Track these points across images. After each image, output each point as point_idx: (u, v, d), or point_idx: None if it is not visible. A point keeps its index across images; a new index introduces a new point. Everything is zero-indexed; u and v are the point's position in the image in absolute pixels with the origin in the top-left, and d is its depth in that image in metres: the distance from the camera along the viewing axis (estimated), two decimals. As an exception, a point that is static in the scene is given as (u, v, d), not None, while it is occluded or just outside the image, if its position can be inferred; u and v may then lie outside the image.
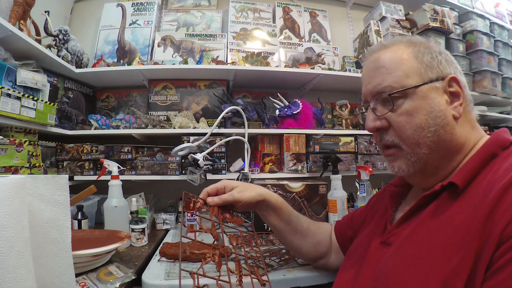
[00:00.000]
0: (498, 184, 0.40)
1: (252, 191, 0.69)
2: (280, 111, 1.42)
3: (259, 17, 1.78)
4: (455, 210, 0.44)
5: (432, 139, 0.49)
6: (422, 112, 0.50)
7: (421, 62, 0.52)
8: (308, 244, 0.75)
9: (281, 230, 0.74)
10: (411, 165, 0.52)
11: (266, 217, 0.73)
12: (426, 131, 0.49)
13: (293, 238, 0.74)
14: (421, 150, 0.50)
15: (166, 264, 0.84)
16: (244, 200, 0.67)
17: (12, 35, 0.97)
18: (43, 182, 0.58)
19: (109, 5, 1.68)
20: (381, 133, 0.55)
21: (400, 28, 1.72)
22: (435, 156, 0.50)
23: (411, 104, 0.50)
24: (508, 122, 2.01)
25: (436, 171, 0.52)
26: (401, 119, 0.51)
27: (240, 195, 0.67)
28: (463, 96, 0.51)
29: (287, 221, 0.73)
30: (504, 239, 0.36)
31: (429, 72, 0.51)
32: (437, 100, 0.50)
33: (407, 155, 0.52)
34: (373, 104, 0.55)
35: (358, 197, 1.18)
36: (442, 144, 0.50)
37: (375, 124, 0.54)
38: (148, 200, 1.33)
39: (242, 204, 0.68)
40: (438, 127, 0.49)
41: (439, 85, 0.51)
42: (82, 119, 1.46)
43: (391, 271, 0.47)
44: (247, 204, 0.68)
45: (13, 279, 0.45)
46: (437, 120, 0.49)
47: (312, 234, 0.75)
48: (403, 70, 0.52)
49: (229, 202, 0.67)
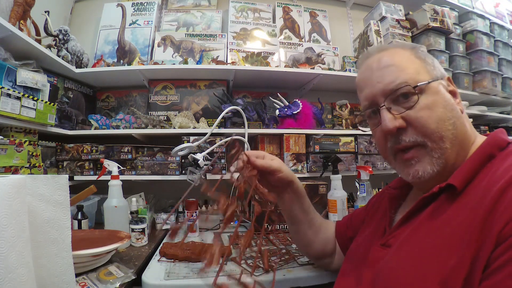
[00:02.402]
0: (496, 185, 0.40)
1: (288, 168, 0.67)
2: (280, 111, 1.42)
3: (259, 17, 1.78)
4: (453, 211, 0.44)
5: (452, 132, 0.49)
6: (440, 105, 0.50)
7: (424, 61, 0.54)
8: (320, 240, 0.74)
9: (299, 220, 0.72)
10: (435, 163, 0.49)
11: (290, 203, 0.70)
12: (447, 123, 0.49)
13: (307, 232, 0.73)
14: (444, 144, 0.49)
15: (166, 264, 0.84)
16: (284, 172, 0.64)
17: (12, 35, 0.97)
18: (43, 182, 0.58)
19: (109, 5, 1.68)
20: (399, 134, 0.51)
21: (400, 28, 1.72)
22: (455, 151, 0.50)
23: (429, 99, 0.50)
24: (508, 122, 2.01)
25: (453, 170, 0.49)
26: (422, 113, 0.50)
27: (282, 166, 0.65)
28: (458, 95, 0.55)
29: (307, 211, 0.72)
30: (502, 239, 0.36)
31: (433, 71, 0.53)
32: (447, 95, 0.52)
33: (431, 152, 0.49)
34: (388, 104, 0.52)
35: (358, 197, 1.18)
36: (459, 137, 0.50)
37: (395, 124, 0.50)
38: (148, 200, 1.33)
39: (281, 176, 0.64)
40: (455, 119, 0.50)
41: (444, 82, 0.54)
42: (82, 119, 1.46)
43: (389, 272, 0.47)
44: (285, 177, 0.65)
45: (13, 279, 0.45)
46: (453, 112, 0.50)
47: (324, 231, 0.75)
48: (413, 68, 0.52)
49: (272, 169, 0.63)
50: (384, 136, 0.53)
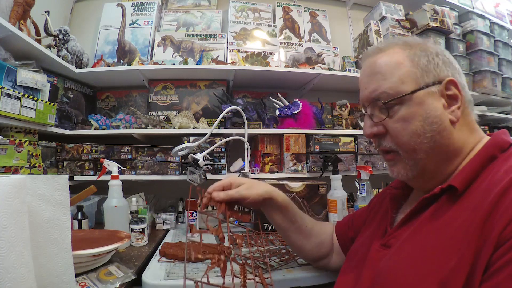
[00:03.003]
0: (497, 187, 0.40)
1: (260, 188, 0.68)
2: (280, 111, 1.42)
3: (259, 17, 1.78)
4: (454, 212, 0.44)
5: (428, 145, 0.49)
6: (418, 118, 0.49)
7: (417, 66, 0.51)
8: (311, 244, 0.74)
9: (285, 229, 0.73)
10: (409, 169, 0.52)
11: (271, 215, 0.72)
12: (422, 137, 0.49)
13: (296, 238, 0.74)
14: (418, 155, 0.50)
15: (166, 264, 0.84)
16: (251, 197, 0.66)
17: (12, 35, 0.97)
18: (43, 182, 0.58)
19: (109, 5, 1.68)
20: (379, 138, 0.55)
21: (400, 28, 1.72)
22: (433, 160, 0.51)
23: (407, 111, 0.50)
24: (508, 122, 2.01)
25: (435, 175, 0.52)
26: (397, 125, 0.51)
27: (247, 192, 0.66)
28: (461, 99, 0.50)
29: (292, 220, 0.72)
30: (502, 241, 0.36)
31: (425, 76, 0.50)
32: (433, 106, 0.49)
33: (405, 160, 0.52)
34: (370, 110, 0.55)
35: (358, 197, 1.18)
36: (439, 149, 0.50)
37: (372, 131, 0.55)
38: (148, 200, 1.33)
39: (249, 202, 0.66)
40: (435, 133, 0.49)
41: (435, 89, 0.50)
42: (82, 119, 1.46)
43: (389, 272, 0.47)
44: (254, 201, 0.67)
45: (13, 279, 0.45)
46: (433, 126, 0.49)
47: (315, 234, 0.75)
48: (398, 76, 0.51)
49: (235, 198, 0.65)
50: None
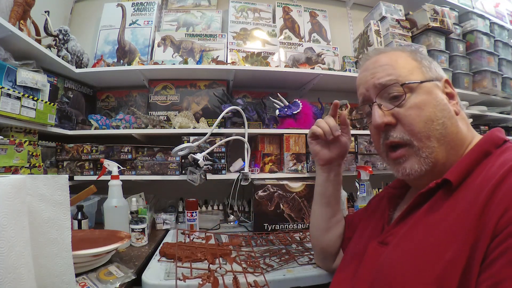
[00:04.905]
0: (492, 181, 0.40)
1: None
2: (280, 111, 1.42)
3: (259, 17, 1.78)
4: (449, 206, 0.45)
5: (440, 131, 0.50)
6: (430, 105, 0.51)
7: (420, 63, 0.56)
8: (334, 233, 0.74)
9: (328, 203, 0.73)
10: (423, 162, 0.50)
11: (333, 181, 0.73)
12: (436, 123, 0.50)
13: (332, 220, 0.74)
14: (432, 143, 0.50)
15: (166, 264, 0.84)
16: (348, 148, 0.73)
17: (12, 35, 0.97)
18: (43, 182, 0.58)
19: (109, 5, 1.68)
20: (388, 130, 0.54)
21: (400, 28, 1.72)
22: (443, 149, 0.50)
23: (418, 98, 0.52)
24: (508, 122, 2.01)
25: (443, 169, 0.50)
26: (410, 112, 0.51)
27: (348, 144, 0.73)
28: (456, 97, 0.55)
29: (337, 200, 0.74)
30: (498, 231, 0.36)
31: (429, 72, 0.55)
32: (440, 96, 0.53)
33: (418, 151, 0.51)
34: (379, 100, 0.55)
35: (358, 197, 1.18)
36: (449, 137, 0.51)
37: (384, 120, 0.53)
38: (148, 200, 1.33)
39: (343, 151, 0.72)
40: (446, 119, 0.51)
41: (439, 84, 0.54)
42: (82, 119, 1.46)
43: (387, 268, 0.47)
44: (344, 153, 0.72)
45: (13, 279, 0.45)
46: (444, 112, 0.51)
47: (341, 226, 0.76)
48: (407, 68, 0.54)
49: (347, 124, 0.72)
50: (377, 132, 0.56)
